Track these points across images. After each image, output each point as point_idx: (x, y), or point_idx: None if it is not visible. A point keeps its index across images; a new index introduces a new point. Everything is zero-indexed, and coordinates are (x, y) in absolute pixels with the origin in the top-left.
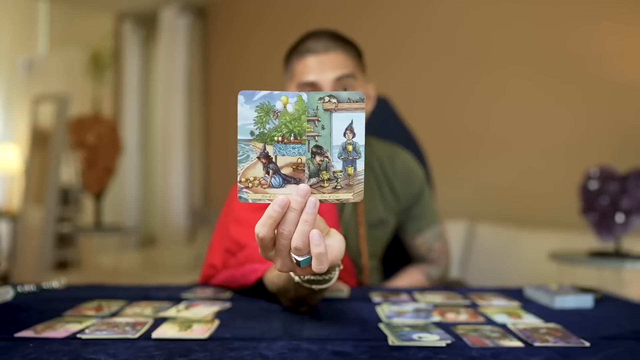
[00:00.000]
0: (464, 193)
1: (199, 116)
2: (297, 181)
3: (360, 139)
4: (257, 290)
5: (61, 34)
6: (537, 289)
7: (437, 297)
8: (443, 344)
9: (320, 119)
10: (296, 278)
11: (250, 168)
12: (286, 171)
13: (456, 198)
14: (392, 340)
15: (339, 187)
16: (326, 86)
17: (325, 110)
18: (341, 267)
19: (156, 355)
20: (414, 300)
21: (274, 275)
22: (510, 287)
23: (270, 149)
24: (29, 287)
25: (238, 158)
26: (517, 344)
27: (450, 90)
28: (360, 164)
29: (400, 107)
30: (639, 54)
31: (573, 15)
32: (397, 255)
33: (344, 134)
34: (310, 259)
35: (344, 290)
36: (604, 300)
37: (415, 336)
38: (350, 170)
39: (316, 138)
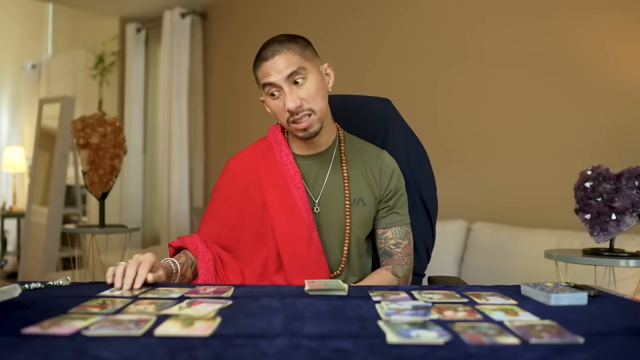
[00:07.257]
0: (462, 193)
1: (201, 117)
2: None
3: None
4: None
5: (67, 37)
6: (533, 287)
7: (435, 295)
8: (441, 341)
9: None
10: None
11: None
12: None
13: (454, 198)
14: (391, 338)
15: None
16: (281, 83)
17: None
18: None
19: (159, 351)
20: (413, 298)
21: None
22: (507, 286)
23: None
24: (36, 285)
25: None
26: (514, 340)
27: (447, 91)
28: None
29: (399, 108)
30: (633, 55)
31: (567, 17)
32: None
33: None
34: None
35: (344, 289)
36: (598, 297)
37: (413, 333)
38: None
39: None
